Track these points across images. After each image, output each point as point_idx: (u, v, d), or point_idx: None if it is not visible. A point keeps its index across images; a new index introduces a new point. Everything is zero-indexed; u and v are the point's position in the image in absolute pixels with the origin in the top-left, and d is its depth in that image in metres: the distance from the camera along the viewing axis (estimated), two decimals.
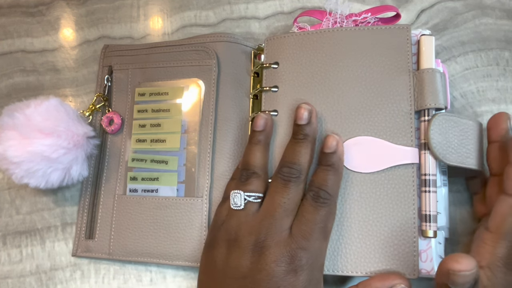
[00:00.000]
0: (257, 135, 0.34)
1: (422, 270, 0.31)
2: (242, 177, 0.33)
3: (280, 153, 0.35)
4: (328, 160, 0.32)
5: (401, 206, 0.32)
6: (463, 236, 0.37)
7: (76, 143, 0.37)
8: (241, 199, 0.32)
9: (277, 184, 0.32)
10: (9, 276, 0.40)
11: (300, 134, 0.32)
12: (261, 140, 0.34)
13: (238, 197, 0.32)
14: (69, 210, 0.41)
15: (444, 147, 0.31)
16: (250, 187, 0.32)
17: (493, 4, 0.42)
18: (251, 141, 0.34)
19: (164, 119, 0.39)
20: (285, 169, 0.32)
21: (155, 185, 0.38)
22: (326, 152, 0.32)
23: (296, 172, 0.31)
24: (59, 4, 0.48)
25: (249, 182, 0.32)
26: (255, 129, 0.34)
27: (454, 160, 0.32)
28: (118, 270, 0.39)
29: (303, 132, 0.32)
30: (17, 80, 0.46)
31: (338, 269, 0.32)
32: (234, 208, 0.32)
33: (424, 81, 0.33)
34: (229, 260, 0.30)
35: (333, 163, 0.32)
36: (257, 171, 0.33)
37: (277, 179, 0.32)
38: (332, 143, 0.32)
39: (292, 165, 0.31)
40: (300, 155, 0.32)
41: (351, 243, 0.32)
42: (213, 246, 0.32)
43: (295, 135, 0.33)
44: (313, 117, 0.33)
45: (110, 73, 0.43)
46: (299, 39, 0.37)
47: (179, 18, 0.46)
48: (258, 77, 0.39)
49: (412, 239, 0.31)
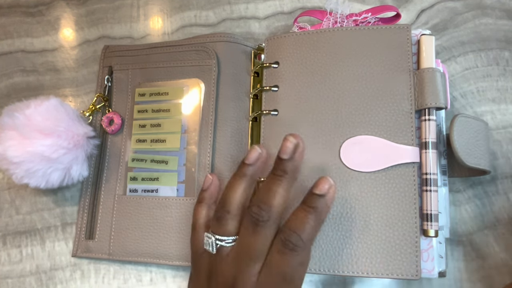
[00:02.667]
0: (245, 168, 0.31)
1: (424, 270, 0.31)
2: (216, 214, 0.31)
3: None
4: (314, 202, 0.28)
5: (402, 205, 0.32)
6: (463, 236, 0.37)
7: (76, 143, 0.37)
8: (212, 245, 0.30)
9: (246, 226, 0.29)
10: (9, 276, 0.39)
11: (279, 169, 0.29)
12: (247, 174, 0.31)
13: (210, 242, 0.30)
14: (69, 210, 0.41)
15: (463, 148, 0.31)
16: (222, 229, 0.30)
17: (493, 4, 0.42)
18: (237, 172, 0.31)
19: (164, 119, 0.39)
20: (255, 209, 0.29)
21: (155, 185, 0.38)
22: (315, 193, 0.28)
23: (265, 215, 0.28)
24: (59, 4, 0.48)
25: (222, 223, 0.30)
26: (245, 161, 0.31)
27: (472, 162, 0.32)
28: (118, 270, 0.39)
29: (282, 168, 0.29)
30: (17, 80, 0.45)
31: (339, 269, 0.32)
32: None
33: (424, 80, 0.33)
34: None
35: (318, 207, 0.28)
36: (233, 210, 0.30)
37: (247, 218, 0.29)
38: (324, 186, 0.28)
39: (263, 206, 0.28)
40: (273, 196, 0.29)
41: (351, 243, 0.32)
42: (196, 276, 0.32)
43: (274, 170, 0.30)
44: (298, 152, 0.29)
45: (110, 73, 0.43)
46: (299, 38, 0.37)
47: (179, 18, 0.46)
48: (258, 77, 0.39)
49: (413, 238, 0.31)
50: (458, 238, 0.37)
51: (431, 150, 0.32)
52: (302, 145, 0.29)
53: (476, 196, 0.38)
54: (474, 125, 0.33)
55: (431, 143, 0.32)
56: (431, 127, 0.32)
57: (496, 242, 0.37)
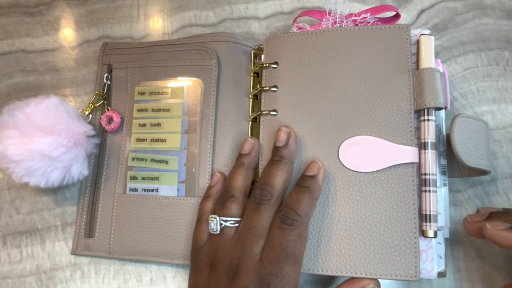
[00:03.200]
0: (242, 158, 0.35)
1: (423, 271, 0.31)
2: (220, 200, 0.33)
3: None
4: (307, 183, 0.32)
5: (401, 205, 0.32)
6: (463, 236, 0.37)
7: (76, 142, 0.37)
8: (217, 224, 0.32)
9: (250, 207, 0.32)
10: (9, 276, 0.40)
11: (276, 155, 0.33)
12: (244, 163, 0.34)
13: (214, 222, 0.32)
14: (69, 210, 0.41)
15: (464, 148, 0.31)
16: (226, 211, 0.32)
17: (493, 4, 0.42)
18: (236, 163, 0.35)
19: (164, 119, 0.39)
20: (258, 191, 0.32)
21: (155, 185, 0.38)
22: (307, 175, 0.32)
23: (268, 194, 0.31)
24: (59, 4, 0.48)
25: (226, 206, 0.33)
26: (241, 152, 0.35)
27: (472, 162, 0.32)
28: (118, 270, 0.39)
29: (279, 154, 0.33)
30: (17, 80, 0.46)
31: (338, 270, 0.32)
32: (212, 233, 0.33)
33: (424, 80, 0.33)
34: (208, 284, 0.31)
35: (310, 186, 0.32)
36: (236, 194, 0.33)
37: (250, 202, 0.32)
38: (314, 168, 0.32)
39: (265, 187, 0.32)
40: (273, 177, 0.32)
41: (350, 244, 0.32)
42: (196, 270, 0.33)
43: (272, 157, 0.33)
44: (291, 139, 0.33)
45: (109, 71, 0.43)
46: (299, 39, 0.37)
47: (179, 18, 0.46)
48: (258, 77, 0.39)
49: (412, 239, 0.31)
50: (458, 238, 0.37)
51: (430, 151, 0.32)
52: (294, 133, 0.34)
53: (476, 196, 0.38)
54: (474, 125, 0.33)
55: (430, 143, 0.32)
56: (430, 128, 0.32)
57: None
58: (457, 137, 0.31)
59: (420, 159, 0.32)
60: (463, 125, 0.32)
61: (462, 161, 0.31)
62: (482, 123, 0.34)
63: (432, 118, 0.32)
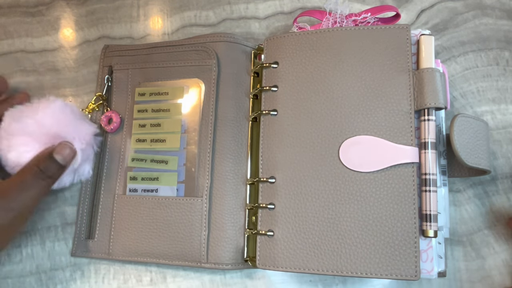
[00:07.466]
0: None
1: (423, 270, 0.31)
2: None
3: (280, 151, 0.35)
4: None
5: (401, 205, 0.32)
6: (463, 236, 0.37)
7: (88, 143, 0.37)
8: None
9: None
10: (9, 276, 0.40)
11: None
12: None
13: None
14: (69, 210, 0.41)
15: (464, 148, 0.31)
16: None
17: (493, 4, 0.42)
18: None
19: (164, 119, 0.39)
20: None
21: (155, 185, 0.38)
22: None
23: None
24: (59, 4, 0.48)
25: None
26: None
27: (472, 161, 0.32)
28: (118, 270, 0.39)
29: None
30: (17, 80, 0.45)
31: (338, 269, 0.32)
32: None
33: (424, 80, 0.33)
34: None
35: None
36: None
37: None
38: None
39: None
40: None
41: (351, 243, 0.32)
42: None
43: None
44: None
45: (110, 73, 0.43)
46: (299, 39, 0.37)
47: (179, 18, 0.46)
48: (258, 77, 0.39)
49: (413, 239, 0.31)
50: (458, 238, 0.37)
51: (430, 150, 0.32)
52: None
53: (476, 196, 0.38)
54: (474, 125, 0.33)
55: (430, 143, 0.32)
56: (431, 127, 0.32)
57: (496, 242, 0.37)
58: (457, 136, 0.31)
59: (420, 159, 0.32)
60: (463, 124, 0.32)
61: (462, 161, 0.31)
62: (482, 123, 0.34)
63: (432, 118, 0.32)
